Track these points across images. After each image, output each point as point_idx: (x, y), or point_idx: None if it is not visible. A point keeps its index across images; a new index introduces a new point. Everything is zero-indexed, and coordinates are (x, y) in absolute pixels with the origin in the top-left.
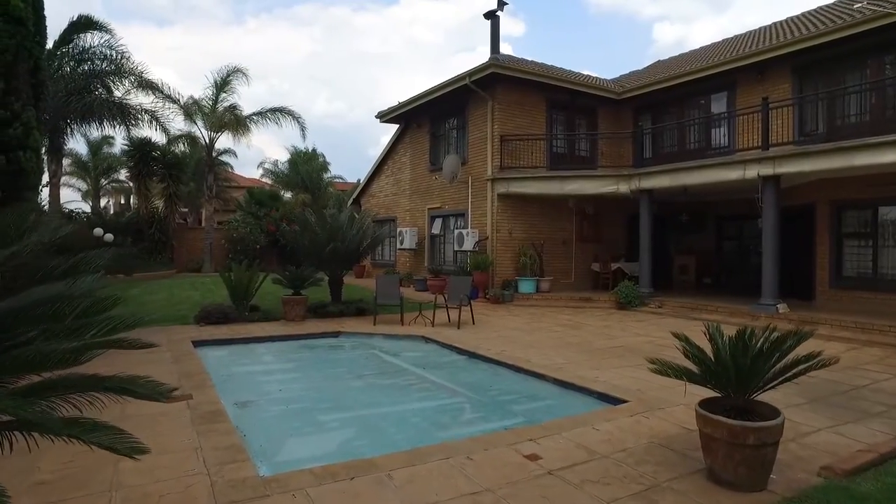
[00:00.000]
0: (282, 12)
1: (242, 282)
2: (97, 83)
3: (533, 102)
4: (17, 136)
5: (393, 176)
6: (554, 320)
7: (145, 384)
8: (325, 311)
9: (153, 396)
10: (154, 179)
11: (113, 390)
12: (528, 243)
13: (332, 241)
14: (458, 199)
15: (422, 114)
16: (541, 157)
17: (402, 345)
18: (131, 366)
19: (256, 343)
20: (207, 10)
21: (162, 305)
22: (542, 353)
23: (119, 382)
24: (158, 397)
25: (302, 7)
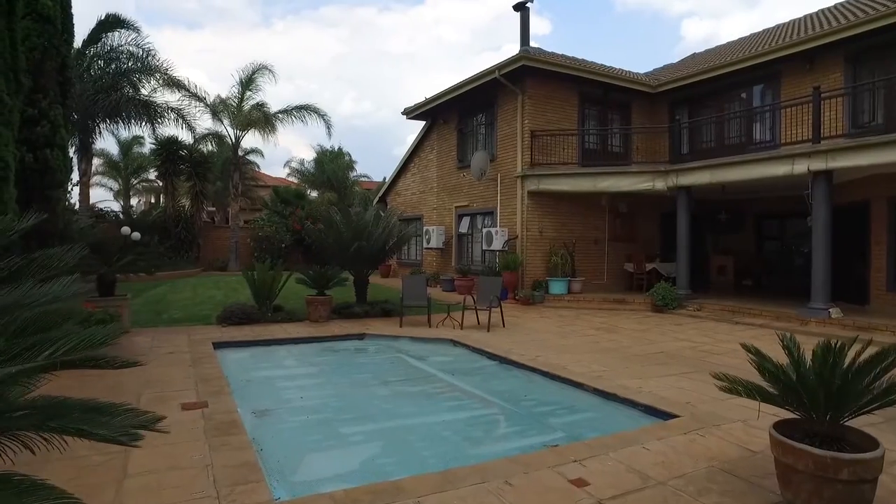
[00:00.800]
0: (308, 14)
1: (266, 281)
2: (124, 81)
3: (564, 97)
4: (45, 134)
5: (419, 173)
6: (587, 323)
7: (112, 423)
8: (349, 312)
9: (117, 439)
10: (181, 178)
11: (62, 431)
12: (559, 243)
13: (358, 240)
14: (486, 197)
15: (449, 109)
16: (572, 154)
17: (429, 348)
18: (150, 370)
19: (278, 345)
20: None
21: (185, 305)
22: (577, 359)
23: (75, 420)
24: (124, 440)
25: (328, 8)
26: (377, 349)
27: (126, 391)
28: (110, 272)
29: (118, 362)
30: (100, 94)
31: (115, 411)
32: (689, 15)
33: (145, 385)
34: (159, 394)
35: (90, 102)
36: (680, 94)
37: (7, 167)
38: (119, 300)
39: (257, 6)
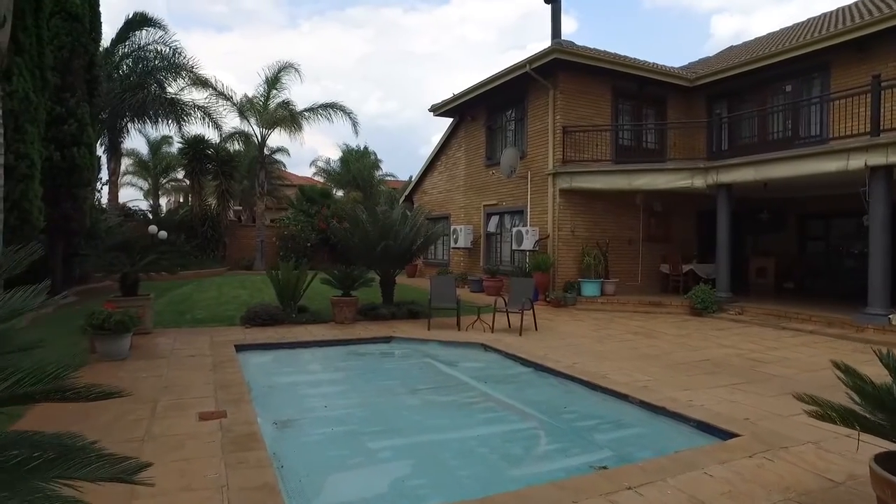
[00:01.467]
0: (334, 15)
1: (290, 281)
2: (150, 80)
3: (597, 91)
4: (72, 132)
5: (447, 172)
6: (624, 327)
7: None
8: (375, 314)
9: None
10: (207, 177)
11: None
12: (592, 242)
13: (384, 240)
14: (516, 195)
15: (477, 106)
16: (606, 150)
17: (459, 353)
18: (170, 374)
19: (302, 348)
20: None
21: (209, 304)
22: (618, 367)
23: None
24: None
25: (354, 9)
26: (405, 353)
27: (142, 398)
28: (132, 272)
29: (93, 393)
30: (127, 93)
31: (86, 458)
32: (719, 11)
33: (163, 391)
34: (177, 401)
35: (117, 101)
36: (718, 88)
37: (33, 165)
38: (141, 300)
39: (284, 8)
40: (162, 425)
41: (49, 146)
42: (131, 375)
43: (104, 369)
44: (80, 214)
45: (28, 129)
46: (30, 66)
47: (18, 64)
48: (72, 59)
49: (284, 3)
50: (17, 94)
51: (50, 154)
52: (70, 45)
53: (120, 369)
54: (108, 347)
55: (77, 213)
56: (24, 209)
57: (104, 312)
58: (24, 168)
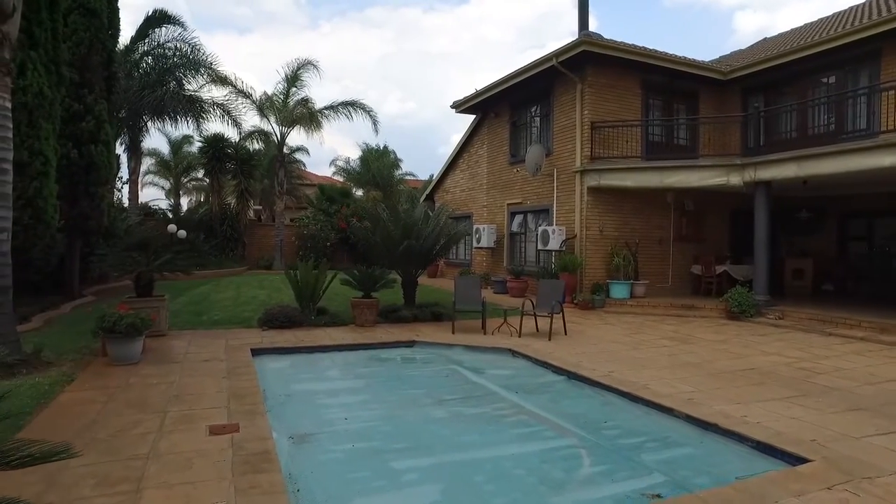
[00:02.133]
0: (355, 15)
1: (309, 282)
2: (169, 77)
3: (626, 85)
4: (90, 129)
5: (469, 170)
6: (657, 331)
7: None
8: (397, 316)
9: None
10: (227, 176)
11: None
12: (620, 243)
13: (407, 239)
14: (541, 194)
15: (501, 102)
16: (636, 147)
17: (486, 359)
18: (182, 381)
19: (321, 353)
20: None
21: (227, 305)
22: (657, 376)
23: None
24: None
25: (373, 10)
26: (429, 359)
27: (151, 407)
28: (146, 271)
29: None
30: (146, 90)
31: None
32: (742, 7)
33: (173, 400)
34: (187, 412)
35: (136, 98)
36: (755, 81)
37: (47, 162)
38: (156, 301)
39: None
40: (169, 440)
41: (66, 144)
42: (142, 381)
43: (114, 374)
44: (98, 213)
45: (42, 125)
46: (44, 61)
47: (33, 58)
48: (89, 56)
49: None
50: (32, 88)
51: (67, 152)
52: (88, 42)
53: (131, 374)
54: (119, 351)
55: (95, 212)
56: (38, 207)
57: (115, 314)
58: (38, 165)
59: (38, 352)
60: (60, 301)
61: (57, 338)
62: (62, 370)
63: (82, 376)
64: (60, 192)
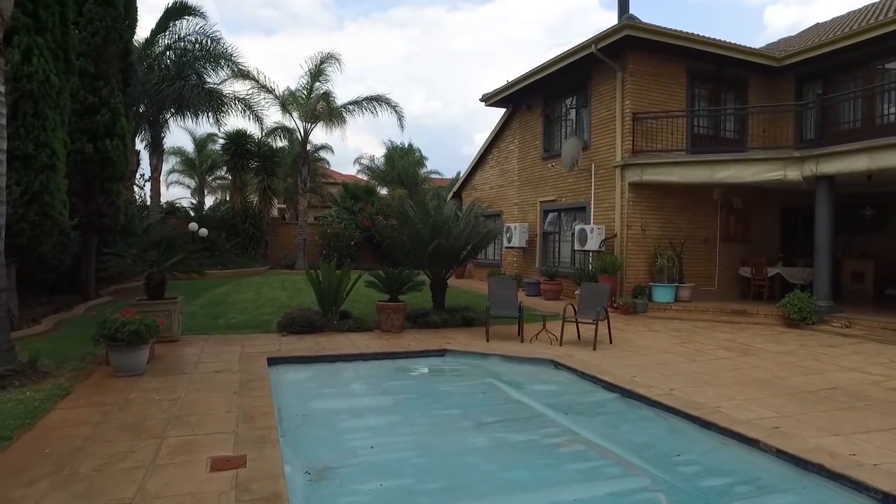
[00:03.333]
0: (379, 16)
1: (331, 284)
2: (189, 70)
3: (670, 74)
4: (105, 122)
5: (499, 166)
6: (711, 340)
7: None
8: (425, 321)
9: None
10: (249, 173)
11: None
12: (664, 242)
13: (437, 238)
14: (577, 190)
15: (533, 94)
16: (680, 139)
17: (526, 371)
18: (188, 398)
19: (344, 363)
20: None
21: (246, 307)
22: (726, 396)
23: None
24: None
25: (397, 10)
26: (462, 371)
27: (148, 431)
28: (157, 272)
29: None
30: (164, 83)
31: None
32: (773, 2)
33: (174, 422)
34: (188, 437)
35: (155, 92)
36: (811, 68)
37: (54, 155)
38: (168, 304)
39: (331, 9)
40: (161, 477)
41: (81, 138)
42: (142, 397)
43: (115, 387)
44: (114, 210)
45: (49, 115)
46: (52, 47)
47: (39, 44)
48: (105, 46)
49: (332, 5)
50: (37, 76)
51: (82, 146)
52: (104, 31)
53: (132, 388)
54: (122, 361)
55: (110, 209)
56: (44, 203)
57: (117, 321)
58: (44, 158)
59: (34, 361)
60: (75, 301)
61: (62, 343)
62: (59, 382)
63: (79, 390)
64: (75, 188)
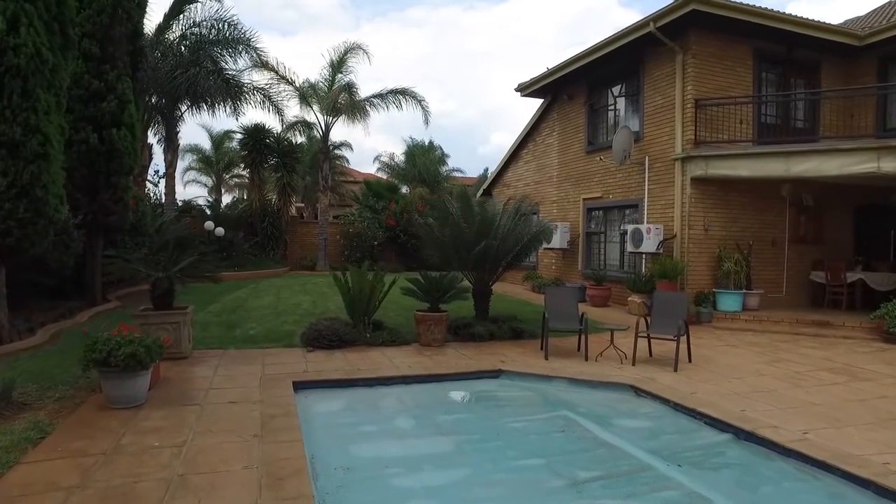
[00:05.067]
0: (395, 16)
1: (363, 291)
2: (204, 55)
3: (736, 56)
4: (111, 110)
5: (534, 161)
6: (803, 358)
7: None
8: (469, 333)
9: None
10: (267, 170)
11: None
12: (728, 244)
13: (484, 238)
14: (628, 187)
15: (575, 82)
16: (746, 129)
17: (602, 399)
18: (194, 444)
19: (384, 387)
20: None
21: (265, 315)
22: (883, 443)
23: None
24: None
25: (413, 10)
26: (526, 399)
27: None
28: (164, 278)
29: None
30: (178, 70)
31: None
32: None
33: (175, 488)
34: None
35: (168, 80)
36: None
37: (47, 142)
38: (175, 316)
39: (349, 10)
40: None
41: (85, 127)
42: (138, 443)
43: (105, 426)
44: (122, 207)
45: (40, 96)
46: (45, 17)
47: (28, 12)
48: (111, 26)
49: (349, 6)
50: (26, 49)
51: (86, 136)
52: (109, 10)
53: (127, 427)
54: (116, 390)
55: (117, 206)
56: (35, 198)
57: (110, 341)
58: (34, 145)
59: (8, 391)
60: (79, 307)
61: (54, 360)
62: (37, 418)
63: (60, 430)
64: (78, 183)
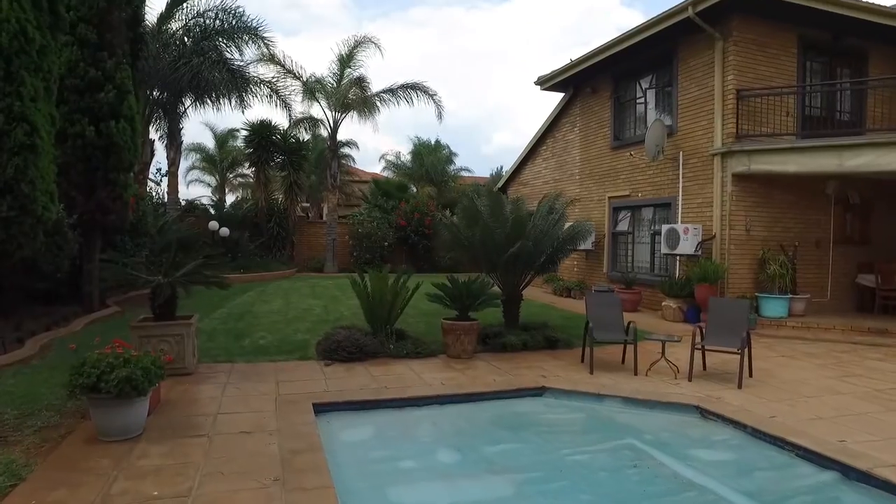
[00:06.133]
0: (398, 16)
1: (385, 297)
2: (208, 45)
3: (779, 43)
4: (109, 101)
5: (554, 158)
6: (877, 373)
7: None
8: (500, 343)
9: None
10: (273, 168)
11: None
12: (773, 245)
13: (517, 239)
14: (659, 184)
15: (600, 74)
16: (789, 121)
17: (665, 423)
18: (202, 492)
19: (415, 408)
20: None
21: (275, 322)
22: None
23: None
24: None
25: (416, 9)
26: (581, 423)
27: None
28: (165, 285)
29: None
30: (181, 60)
31: None
32: None
33: None
34: None
35: (170, 71)
36: None
37: (35, 132)
38: (178, 327)
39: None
40: None
41: (81, 119)
42: (132, 491)
43: (92, 467)
44: (121, 205)
45: (26, 80)
46: None
47: None
48: (110, 11)
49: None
50: (8, 26)
51: (82, 129)
52: None
53: (119, 467)
54: (108, 421)
55: (116, 204)
56: (21, 194)
57: (101, 361)
58: (19, 135)
59: None
60: (75, 314)
61: (41, 378)
62: (11, 456)
63: (38, 473)
64: (73, 180)
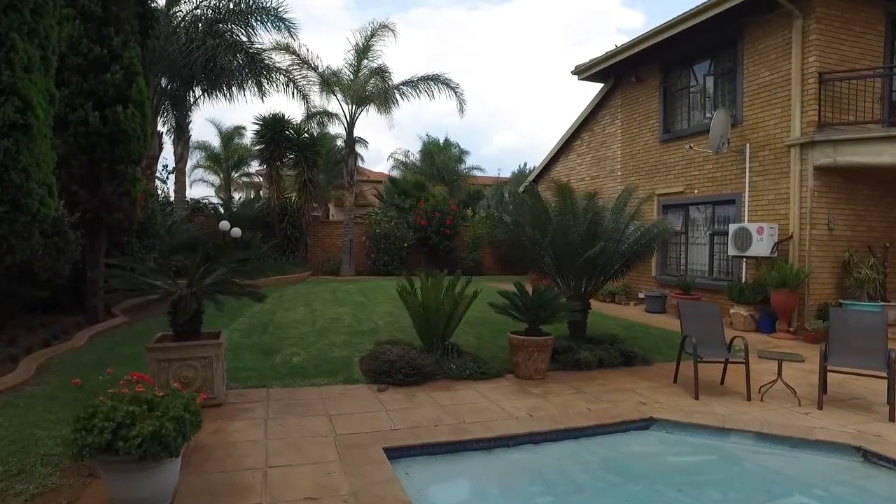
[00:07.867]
0: (399, 17)
1: (442, 306)
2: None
3: (865, 20)
4: (116, 83)
5: (591, 153)
6: None
7: None
8: (572, 359)
9: None
10: (286, 165)
11: None
12: (858, 246)
13: (595, 240)
14: (720, 179)
15: (645, 63)
16: (875, 108)
17: (820, 468)
18: None
19: (505, 448)
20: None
21: (304, 334)
22: None
23: None
24: None
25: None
26: (715, 468)
27: None
28: (189, 297)
29: None
30: (193, 44)
31: None
32: None
33: None
34: None
35: (182, 55)
36: None
37: (28, 109)
38: (206, 349)
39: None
40: None
41: (84, 103)
42: None
43: None
44: (129, 202)
45: (17, 44)
46: None
47: None
48: None
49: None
50: None
51: (85, 114)
52: None
53: None
54: (126, 491)
55: (123, 201)
56: (12, 185)
57: (119, 410)
58: (9, 111)
59: None
60: (77, 325)
61: (36, 413)
62: None
63: None
64: (75, 172)
